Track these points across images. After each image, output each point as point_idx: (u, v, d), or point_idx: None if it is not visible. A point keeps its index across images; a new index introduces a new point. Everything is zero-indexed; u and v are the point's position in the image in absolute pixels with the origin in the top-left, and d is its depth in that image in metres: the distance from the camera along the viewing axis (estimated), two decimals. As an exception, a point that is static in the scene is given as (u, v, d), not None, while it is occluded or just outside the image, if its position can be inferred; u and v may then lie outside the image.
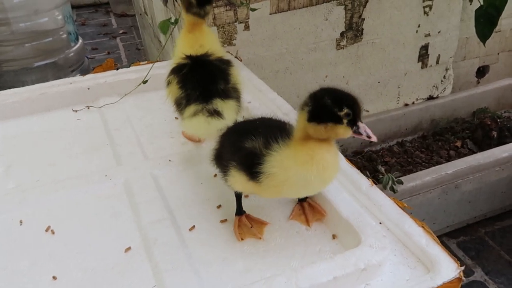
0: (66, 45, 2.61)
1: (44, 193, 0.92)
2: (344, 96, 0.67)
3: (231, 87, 0.97)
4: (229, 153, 0.77)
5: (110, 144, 1.08)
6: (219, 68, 0.98)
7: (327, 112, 0.66)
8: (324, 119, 0.67)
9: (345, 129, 0.68)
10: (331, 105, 0.66)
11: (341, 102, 0.66)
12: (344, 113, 0.66)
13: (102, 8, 4.35)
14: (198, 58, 0.98)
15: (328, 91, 0.68)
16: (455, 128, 1.96)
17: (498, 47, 2.15)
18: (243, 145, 0.73)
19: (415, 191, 1.53)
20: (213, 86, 0.94)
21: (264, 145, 0.71)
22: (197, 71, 0.97)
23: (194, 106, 0.93)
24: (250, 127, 0.78)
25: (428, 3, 1.73)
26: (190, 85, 0.95)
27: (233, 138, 0.78)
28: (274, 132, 0.72)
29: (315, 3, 1.55)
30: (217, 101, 0.93)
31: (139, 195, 0.90)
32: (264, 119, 0.81)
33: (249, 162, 0.71)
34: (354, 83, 1.77)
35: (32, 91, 1.25)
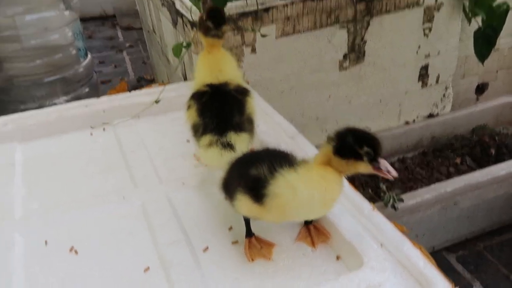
0: (75, 61, 2.67)
1: (66, 213, 0.98)
2: (365, 136, 0.76)
3: (246, 118, 1.03)
4: (235, 179, 0.84)
5: (125, 166, 1.14)
6: (236, 100, 1.04)
7: (349, 149, 0.75)
8: (347, 155, 0.76)
9: (365, 166, 0.76)
10: (353, 143, 0.75)
11: (362, 141, 0.75)
12: (364, 151, 0.75)
13: (109, 21, 4.43)
14: (218, 88, 1.04)
15: (352, 131, 0.77)
16: (454, 145, 2.02)
17: (496, 65, 2.22)
18: (248, 171, 0.80)
19: (416, 208, 1.58)
20: (229, 118, 1.01)
21: (268, 170, 0.79)
22: (216, 101, 1.03)
23: (209, 137, 1.00)
24: (256, 156, 0.85)
25: (427, 25, 1.79)
26: (208, 114, 1.02)
27: (240, 167, 0.85)
28: (278, 159, 0.80)
29: (319, 26, 1.62)
30: (231, 134, 1.00)
31: (155, 217, 0.96)
32: (269, 149, 0.88)
33: (254, 185, 0.79)
34: (357, 102, 1.83)
35: (49, 114, 1.32)
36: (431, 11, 1.77)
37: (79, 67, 2.68)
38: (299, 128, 1.75)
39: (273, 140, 1.17)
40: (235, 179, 0.84)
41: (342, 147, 0.76)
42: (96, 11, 4.46)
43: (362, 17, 1.66)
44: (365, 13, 1.66)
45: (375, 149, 0.75)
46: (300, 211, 0.81)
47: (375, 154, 0.75)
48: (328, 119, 1.83)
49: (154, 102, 1.34)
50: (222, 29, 1.06)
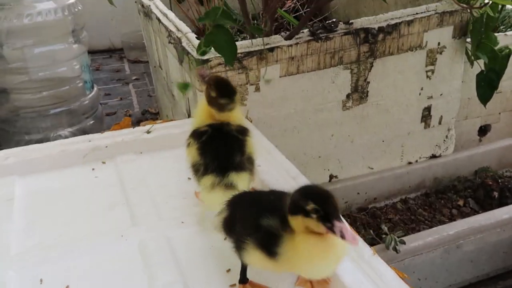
0: (81, 93, 2.70)
1: (63, 251, 0.97)
2: (314, 192, 0.73)
3: (246, 158, 1.03)
4: (243, 228, 0.82)
5: (126, 203, 1.14)
6: (237, 139, 1.04)
7: (295, 205, 0.73)
8: (295, 212, 0.73)
9: (316, 224, 0.71)
10: (297, 199, 0.72)
11: (307, 197, 0.71)
12: (311, 208, 0.70)
13: (116, 54, 4.49)
14: (218, 127, 1.05)
15: (303, 188, 0.75)
16: (457, 186, 2.01)
17: (499, 107, 2.23)
18: (259, 223, 0.78)
19: (418, 251, 1.56)
20: (229, 158, 1.01)
21: (281, 225, 0.76)
22: (216, 140, 1.03)
23: (211, 177, 1.00)
24: (264, 201, 0.84)
25: (430, 68, 1.81)
26: (209, 154, 1.02)
27: (247, 212, 0.83)
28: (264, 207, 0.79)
29: (323, 67, 1.64)
30: (232, 174, 0.99)
31: (153, 257, 0.95)
32: (276, 193, 0.86)
33: (267, 242, 0.76)
34: (359, 142, 1.84)
35: (52, 148, 1.32)
36: (433, 54, 1.79)
37: (85, 99, 2.71)
38: (301, 166, 1.76)
39: (274, 180, 1.17)
40: (243, 227, 0.81)
41: (291, 205, 0.73)
42: (105, 44, 4.53)
43: (365, 59, 1.68)
44: (368, 55, 1.68)
45: (325, 207, 0.70)
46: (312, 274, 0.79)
47: (325, 213, 0.70)
48: (330, 158, 1.83)
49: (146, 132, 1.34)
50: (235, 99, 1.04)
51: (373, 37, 1.66)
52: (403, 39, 1.71)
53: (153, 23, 2.10)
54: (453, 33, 1.79)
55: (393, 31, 1.68)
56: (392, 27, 1.68)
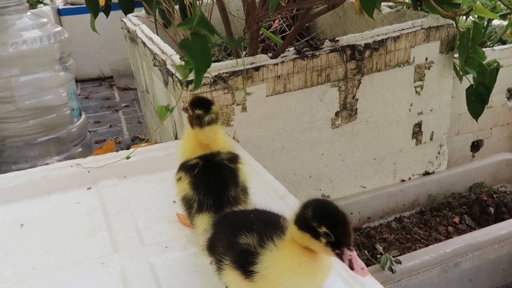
0: (69, 121, 2.67)
1: (40, 283, 0.92)
2: (328, 214, 0.66)
3: (240, 189, 0.99)
4: (223, 247, 0.77)
5: (107, 229, 1.09)
6: (230, 170, 1.00)
7: (305, 222, 0.67)
8: (303, 228, 0.67)
9: (323, 248, 0.66)
10: (310, 217, 0.66)
11: (321, 219, 0.65)
12: (322, 231, 0.65)
13: (106, 82, 4.48)
14: (209, 159, 1.00)
15: (317, 205, 0.68)
16: (452, 203, 1.97)
17: (490, 122, 2.21)
18: (237, 241, 0.74)
19: (414, 271, 1.51)
20: (224, 193, 0.96)
21: (258, 243, 0.72)
22: (209, 173, 0.99)
23: (207, 217, 0.95)
24: (244, 220, 0.79)
25: (419, 83, 1.79)
26: (203, 190, 0.97)
27: (227, 231, 0.79)
28: (268, 227, 0.74)
29: (310, 85, 1.62)
30: (228, 209, 0.95)
31: (135, 284, 0.90)
32: (258, 212, 0.82)
33: (244, 260, 0.72)
34: (350, 160, 1.80)
35: (34, 174, 1.28)
36: (421, 70, 1.78)
37: (73, 127, 2.67)
38: (292, 187, 1.73)
39: (263, 200, 1.13)
40: (223, 246, 0.78)
41: (300, 217, 0.68)
42: (94, 73, 4.53)
43: (353, 76, 1.67)
44: (355, 72, 1.66)
45: (338, 234, 0.64)
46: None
47: (336, 240, 0.65)
48: (321, 177, 1.79)
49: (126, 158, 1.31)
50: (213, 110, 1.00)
51: (360, 54, 1.64)
52: (390, 55, 1.70)
53: (139, 47, 2.09)
54: (440, 48, 1.78)
55: (379, 47, 1.67)
56: (379, 43, 1.66)
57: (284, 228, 0.74)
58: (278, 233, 0.73)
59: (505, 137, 2.27)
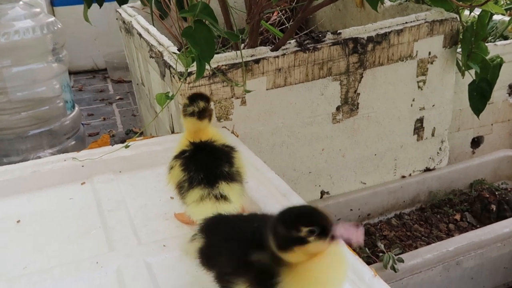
0: (62, 113, 2.62)
1: (31, 283, 0.87)
2: (297, 215, 0.62)
3: (235, 171, 0.95)
4: (229, 265, 0.71)
5: (102, 227, 1.05)
6: (223, 151, 0.97)
7: (285, 239, 0.62)
8: (288, 246, 0.62)
9: (317, 245, 0.61)
10: (285, 232, 0.61)
11: (296, 223, 0.60)
12: (305, 233, 0.60)
13: (100, 74, 4.42)
14: (202, 143, 0.97)
15: (282, 216, 0.63)
16: (453, 200, 1.94)
17: (491, 118, 2.18)
18: (250, 260, 0.67)
19: (416, 269, 1.48)
20: (217, 168, 0.92)
21: (274, 260, 0.65)
22: (200, 154, 0.95)
23: (198, 190, 0.91)
24: (247, 230, 0.72)
25: (421, 78, 1.76)
26: (193, 167, 0.93)
27: (230, 244, 0.72)
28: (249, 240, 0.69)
29: (311, 79, 1.58)
30: (222, 184, 0.91)
31: (131, 285, 0.86)
32: (259, 218, 0.75)
33: (264, 281, 0.65)
34: (351, 156, 1.77)
35: (24, 169, 1.23)
36: (424, 64, 1.74)
37: (66, 119, 2.62)
38: (291, 183, 1.68)
39: (264, 197, 1.09)
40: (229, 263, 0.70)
41: (280, 241, 0.62)
42: (88, 65, 4.46)
43: (355, 70, 1.62)
44: (358, 66, 1.62)
45: (318, 223, 0.60)
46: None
47: (321, 228, 0.60)
48: (321, 173, 1.75)
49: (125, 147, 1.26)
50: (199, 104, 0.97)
51: (362, 47, 1.60)
52: (393, 49, 1.66)
53: (135, 39, 2.03)
54: (444, 42, 1.74)
55: (382, 41, 1.63)
56: (382, 37, 1.62)
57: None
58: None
59: (506, 133, 2.25)
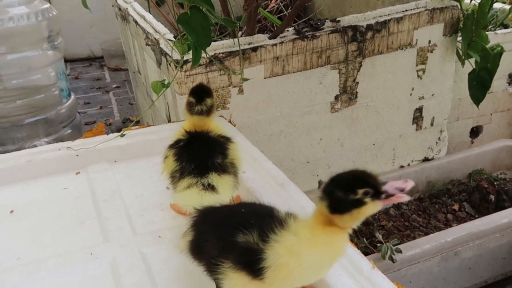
0: (58, 101, 2.59)
1: (24, 274, 0.86)
2: (353, 178, 0.66)
3: (229, 162, 0.94)
4: (216, 249, 0.71)
5: (97, 217, 1.03)
6: (218, 142, 0.95)
7: (344, 203, 0.65)
8: (346, 209, 0.66)
9: (372, 206, 0.65)
10: (343, 196, 0.65)
11: (353, 186, 0.65)
12: (362, 194, 0.64)
13: (96, 62, 4.38)
14: (197, 133, 0.95)
15: (336, 181, 0.67)
16: (451, 190, 1.93)
17: (491, 108, 2.16)
18: (235, 240, 0.68)
19: (415, 260, 1.47)
20: (209, 159, 0.91)
21: (260, 238, 0.67)
22: (194, 144, 0.94)
23: (188, 180, 0.90)
24: (235, 216, 0.73)
25: (421, 67, 1.73)
26: (186, 157, 0.92)
27: (219, 230, 0.72)
28: (266, 220, 0.69)
29: (309, 67, 1.55)
30: (213, 175, 0.90)
31: (126, 276, 0.85)
32: (248, 205, 0.76)
33: (249, 259, 0.67)
34: (349, 146, 1.75)
35: (19, 158, 1.21)
36: (424, 53, 1.72)
37: (62, 108, 2.59)
38: (289, 172, 1.67)
39: (261, 187, 1.07)
40: (216, 248, 0.71)
41: (337, 205, 0.66)
42: (84, 52, 4.42)
43: (354, 58, 1.60)
44: (357, 54, 1.60)
45: (372, 184, 0.65)
46: (307, 278, 0.71)
47: (375, 188, 0.65)
48: (319, 163, 1.74)
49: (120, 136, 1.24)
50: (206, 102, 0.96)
51: (362, 35, 1.58)
52: (392, 37, 1.64)
53: (131, 26, 2.00)
54: (444, 31, 1.72)
55: (382, 29, 1.60)
56: (381, 25, 1.60)
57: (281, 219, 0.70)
58: (278, 223, 0.69)
59: (505, 123, 2.23)
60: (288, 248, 0.67)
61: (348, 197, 0.65)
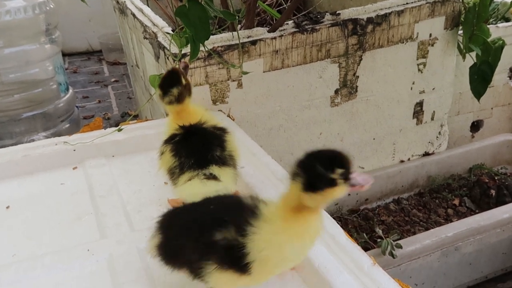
0: (56, 96, 2.57)
1: (20, 271, 0.85)
2: (333, 157, 0.66)
3: (228, 155, 0.92)
4: (197, 253, 0.68)
5: (94, 213, 1.02)
6: (214, 135, 0.94)
7: (321, 179, 0.64)
8: (321, 187, 0.65)
9: (342, 189, 0.66)
10: (324, 172, 0.64)
11: (333, 164, 0.64)
12: (339, 175, 0.64)
13: (95, 56, 4.36)
14: (192, 126, 0.94)
15: (316, 156, 0.66)
16: (452, 185, 1.92)
17: (491, 102, 2.15)
18: (214, 240, 0.66)
19: (415, 255, 1.47)
20: (208, 153, 0.90)
21: (238, 233, 0.66)
22: (191, 138, 0.93)
23: (189, 174, 0.89)
24: (206, 214, 0.71)
25: (422, 60, 1.72)
26: (184, 153, 0.91)
27: (192, 232, 0.70)
28: (238, 213, 0.68)
29: (309, 61, 1.54)
30: (213, 167, 0.88)
31: (123, 274, 0.84)
32: (214, 200, 0.74)
33: (233, 257, 0.65)
34: (349, 140, 1.74)
35: (15, 153, 1.20)
36: (425, 46, 1.70)
37: (60, 102, 2.58)
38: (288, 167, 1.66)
39: (260, 182, 1.06)
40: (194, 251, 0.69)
41: (314, 180, 0.65)
42: (82, 46, 4.40)
43: (354, 52, 1.59)
44: (357, 48, 1.58)
45: (347, 167, 0.65)
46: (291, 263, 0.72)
47: (347, 172, 0.65)
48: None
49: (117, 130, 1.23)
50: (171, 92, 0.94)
51: (362, 29, 1.56)
52: (393, 31, 1.62)
53: (129, 19, 1.98)
54: (445, 24, 1.70)
55: (382, 22, 1.58)
56: (382, 18, 1.58)
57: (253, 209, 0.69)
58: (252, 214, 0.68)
59: (506, 117, 2.22)
60: (268, 241, 0.66)
61: (326, 174, 0.64)
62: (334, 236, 0.86)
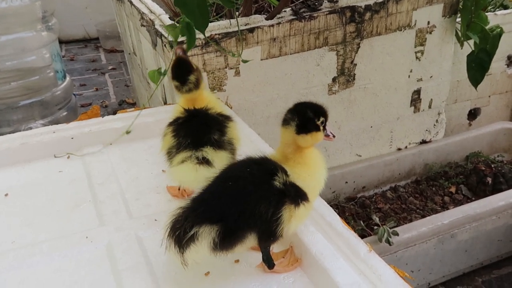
0: (53, 83, 2.56)
1: (19, 258, 0.85)
2: (318, 108, 0.80)
3: (227, 141, 0.93)
4: (272, 206, 0.76)
5: (92, 201, 1.02)
6: (216, 120, 0.94)
7: (311, 123, 0.78)
8: (310, 129, 0.78)
9: (321, 135, 0.80)
10: (313, 117, 0.78)
11: (319, 113, 0.79)
12: (321, 122, 0.78)
13: (92, 43, 4.33)
14: (196, 110, 0.95)
15: (306, 106, 0.80)
16: (448, 172, 1.93)
17: (489, 90, 2.15)
18: (272, 187, 0.76)
19: (411, 242, 1.48)
20: (206, 135, 0.90)
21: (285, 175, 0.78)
22: (193, 121, 0.93)
23: (183, 153, 0.89)
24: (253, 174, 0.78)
25: (420, 48, 1.72)
26: (183, 133, 0.92)
27: (259, 191, 0.76)
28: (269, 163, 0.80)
29: (307, 49, 1.53)
30: (208, 149, 0.89)
31: (122, 260, 0.84)
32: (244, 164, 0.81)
33: (295, 192, 0.77)
34: (347, 128, 1.74)
35: (13, 140, 1.20)
36: (423, 34, 1.70)
37: (57, 89, 2.57)
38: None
39: (258, 171, 1.06)
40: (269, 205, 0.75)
41: (305, 123, 0.77)
42: (79, 34, 4.37)
43: (352, 39, 1.58)
44: (355, 35, 1.58)
45: (326, 117, 0.79)
46: (321, 186, 0.82)
47: (325, 122, 0.79)
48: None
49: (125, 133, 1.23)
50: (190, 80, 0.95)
51: (360, 16, 1.56)
52: (391, 18, 1.61)
53: (126, 6, 1.97)
54: (443, 11, 1.70)
55: (380, 10, 1.58)
56: (380, 5, 1.57)
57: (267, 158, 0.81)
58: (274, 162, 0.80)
59: (503, 105, 2.22)
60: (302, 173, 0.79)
61: (314, 119, 0.77)
62: (331, 223, 0.87)
